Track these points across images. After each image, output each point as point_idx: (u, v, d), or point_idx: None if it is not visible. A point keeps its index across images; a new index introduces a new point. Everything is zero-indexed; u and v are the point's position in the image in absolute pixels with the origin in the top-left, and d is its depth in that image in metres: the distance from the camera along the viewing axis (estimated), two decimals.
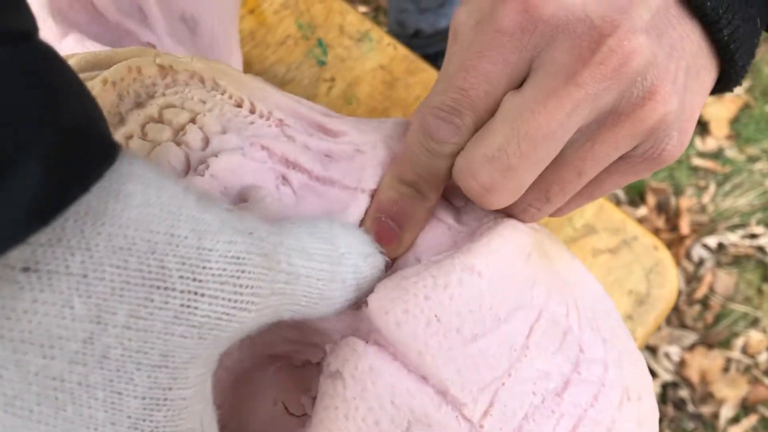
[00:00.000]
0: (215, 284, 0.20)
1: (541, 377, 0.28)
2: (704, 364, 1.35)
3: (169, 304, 0.20)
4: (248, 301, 0.21)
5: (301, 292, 0.23)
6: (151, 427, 0.20)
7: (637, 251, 0.64)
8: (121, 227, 0.19)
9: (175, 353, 0.20)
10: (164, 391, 0.20)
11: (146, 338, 0.19)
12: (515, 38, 0.26)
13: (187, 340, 0.20)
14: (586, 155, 0.28)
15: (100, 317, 0.19)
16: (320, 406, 0.26)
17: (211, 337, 0.21)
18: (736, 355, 1.36)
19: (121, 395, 0.19)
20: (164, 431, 0.21)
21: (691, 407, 1.33)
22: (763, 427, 1.31)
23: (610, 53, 0.25)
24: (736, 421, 1.32)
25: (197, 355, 0.21)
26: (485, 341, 0.27)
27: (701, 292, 1.39)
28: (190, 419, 0.21)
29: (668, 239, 1.41)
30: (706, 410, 1.32)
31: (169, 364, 0.20)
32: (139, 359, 0.19)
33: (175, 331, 0.20)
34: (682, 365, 1.35)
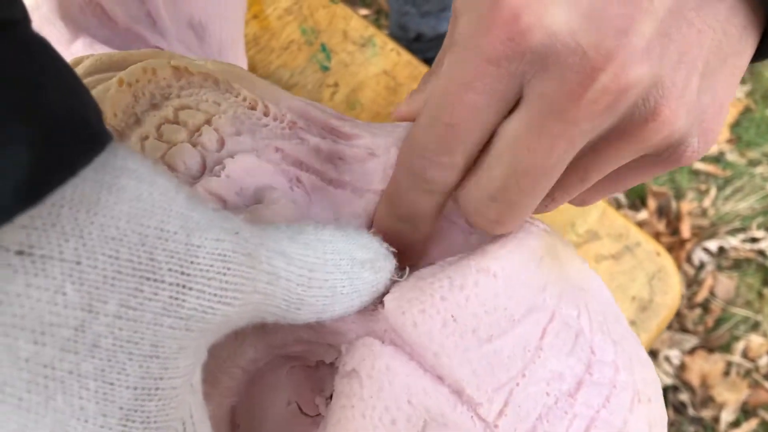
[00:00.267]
0: (202, 279, 0.21)
1: (554, 378, 0.28)
2: (705, 367, 1.35)
3: (158, 295, 0.20)
4: (232, 296, 0.21)
5: (280, 294, 0.23)
6: (142, 417, 0.20)
7: (639, 257, 0.64)
8: (113, 218, 0.19)
9: (164, 343, 0.20)
10: (156, 380, 0.20)
11: (136, 328, 0.19)
12: (502, 68, 0.24)
13: (175, 331, 0.20)
14: (588, 165, 0.27)
15: (91, 305, 0.19)
16: (336, 405, 0.26)
17: (197, 329, 0.21)
18: (736, 358, 1.36)
19: (113, 385, 0.19)
20: (155, 421, 0.21)
21: (691, 411, 1.33)
22: (763, 430, 1.31)
23: (603, 91, 0.23)
24: (736, 424, 1.32)
25: (186, 345, 0.21)
26: (500, 342, 0.27)
27: (702, 295, 1.40)
28: (180, 409, 0.22)
29: (669, 243, 1.41)
30: (706, 414, 1.33)
31: (159, 354, 0.20)
32: (130, 349, 0.20)
33: (164, 322, 0.20)
34: (682, 369, 1.35)
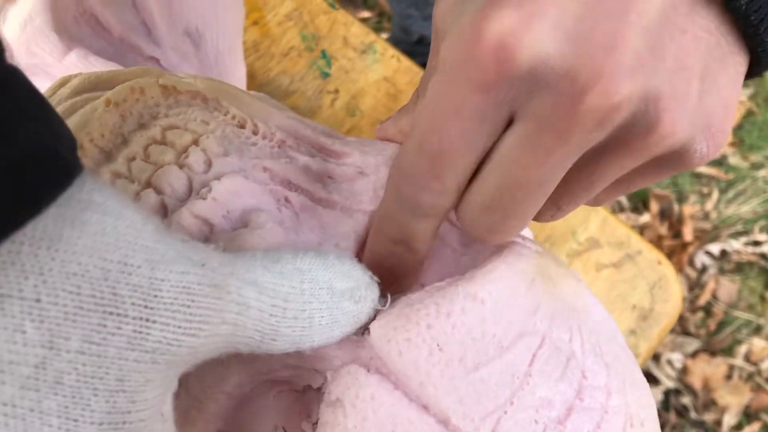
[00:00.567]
0: (166, 312, 0.20)
1: (543, 405, 0.27)
2: (707, 371, 1.35)
3: (122, 329, 0.20)
4: (197, 328, 0.21)
5: (251, 325, 0.23)
6: None
7: (641, 266, 0.64)
8: (75, 254, 0.19)
9: (131, 377, 0.20)
10: (123, 414, 0.20)
11: (101, 363, 0.19)
12: (490, 95, 0.24)
13: (141, 364, 0.20)
14: (591, 175, 0.26)
15: (52, 342, 0.19)
16: None
17: (163, 361, 0.21)
18: (738, 362, 1.36)
19: (77, 422, 0.19)
20: None
21: (693, 414, 1.32)
22: None
23: (592, 110, 0.23)
24: (738, 428, 1.32)
25: (152, 378, 0.21)
26: (487, 370, 0.27)
27: (704, 299, 1.39)
28: None
29: (671, 246, 1.41)
30: (708, 417, 1.32)
31: (126, 388, 0.20)
32: (95, 384, 0.19)
33: (129, 356, 0.20)
34: (684, 372, 1.35)
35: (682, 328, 1.38)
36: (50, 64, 0.42)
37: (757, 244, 1.42)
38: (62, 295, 0.19)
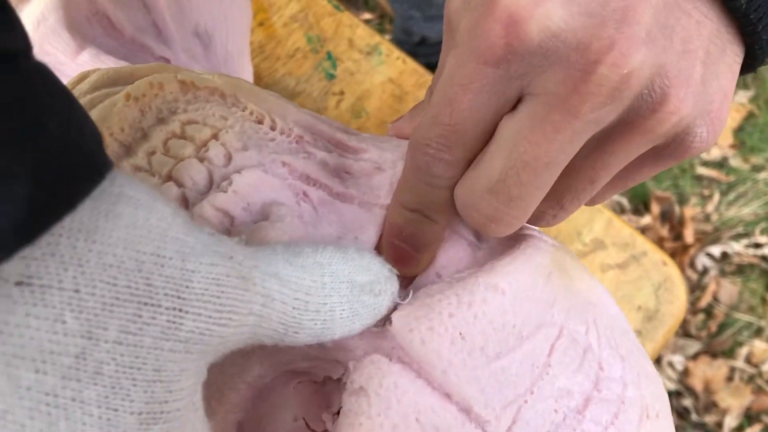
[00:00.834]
0: (198, 302, 0.21)
1: (562, 395, 0.28)
2: (708, 373, 1.35)
3: (156, 319, 0.20)
4: (227, 318, 0.22)
5: (276, 317, 0.23)
6: None
7: (646, 267, 0.64)
8: (110, 246, 0.19)
9: (167, 367, 0.20)
10: (161, 404, 0.21)
11: (138, 353, 0.20)
12: (501, 69, 0.24)
13: (175, 354, 0.21)
14: (596, 164, 0.27)
15: (91, 332, 0.19)
16: (344, 423, 0.26)
17: (196, 350, 0.21)
18: (739, 364, 1.36)
19: (117, 411, 0.20)
20: None
21: (694, 416, 1.32)
22: None
23: (604, 81, 0.23)
24: (739, 430, 1.32)
25: (187, 368, 0.21)
26: (508, 359, 0.27)
27: (705, 301, 1.39)
28: (183, 428, 0.22)
29: (672, 248, 1.41)
30: (709, 419, 1.32)
31: (163, 378, 0.20)
32: (133, 374, 0.20)
33: (164, 345, 0.20)
34: (685, 374, 1.35)
35: (683, 330, 1.38)
36: (63, 62, 0.42)
37: (758, 246, 1.42)
38: (99, 285, 0.19)
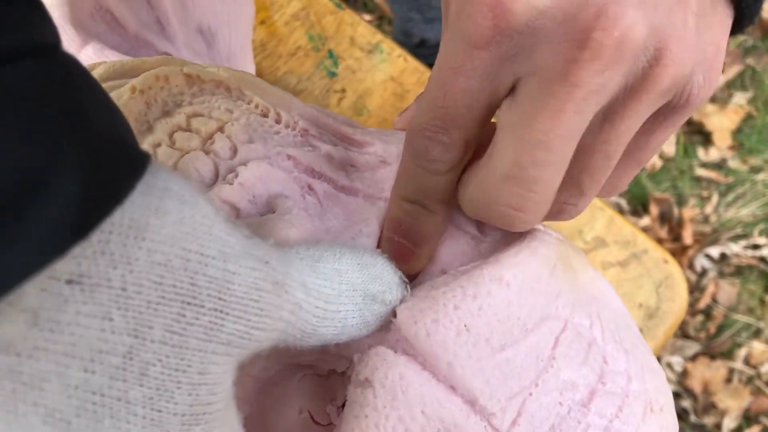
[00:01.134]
0: (238, 305, 0.21)
1: (567, 388, 0.28)
2: (707, 374, 1.35)
3: (199, 320, 0.20)
4: (264, 323, 0.22)
5: (299, 324, 0.23)
6: None
7: (647, 265, 0.64)
8: (160, 243, 0.19)
9: (211, 370, 0.20)
10: (204, 406, 0.21)
11: (183, 355, 0.20)
12: (491, 51, 0.24)
13: (218, 356, 0.21)
14: (608, 137, 0.26)
15: (137, 331, 0.19)
16: (350, 414, 0.26)
17: (236, 353, 0.21)
18: (738, 365, 1.36)
19: (161, 413, 0.20)
20: None
21: (693, 418, 1.33)
22: None
23: (599, 47, 0.23)
24: (738, 431, 1.32)
25: (227, 369, 0.21)
26: (513, 351, 0.27)
27: (704, 302, 1.40)
28: (221, 428, 0.22)
29: (671, 249, 1.41)
30: (708, 421, 1.33)
31: (208, 381, 0.20)
32: (178, 377, 0.20)
33: (207, 347, 0.20)
34: (684, 375, 1.35)
35: (682, 331, 1.39)
36: None
37: (756, 247, 1.42)
38: (146, 284, 0.19)
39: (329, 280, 0.24)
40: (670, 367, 1.35)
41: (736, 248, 1.42)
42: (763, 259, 1.41)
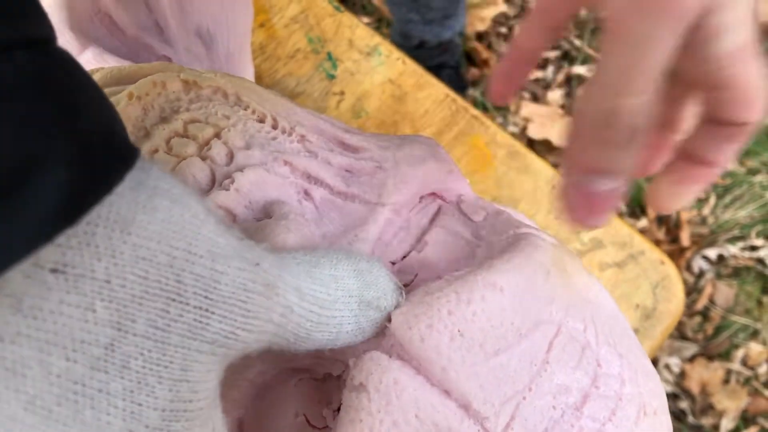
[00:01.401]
0: (224, 305, 0.21)
1: (561, 391, 0.28)
2: (704, 375, 1.36)
3: (183, 317, 0.20)
4: (252, 324, 0.22)
5: (292, 327, 0.24)
6: None
7: (644, 265, 0.64)
8: (145, 239, 0.19)
9: (193, 367, 0.21)
10: (185, 403, 0.21)
11: (165, 350, 0.20)
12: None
13: (202, 354, 0.21)
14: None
15: (120, 323, 0.19)
16: (345, 419, 0.26)
17: (221, 353, 0.21)
18: (736, 366, 1.36)
19: (141, 406, 0.20)
20: None
21: (691, 419, 1.33)
22: None
23: None
24: None
25: (212, 368, 0.21)
26: (507, 356, 0.27)
27: (701, 303, 1.40)
28: (203, 426, 0.22)
29: (668, 251, 1.42)
30: (706, 422, 1.33)
31: (189, 378, 0.21)
32: (160, 372, 0.20)
33: (191, 345, 0.20)
34: (682, 377, 1.36)
35: (679, 332, 1.39)
36: None
37: (754, 248, 1.43)
38: (130, 278, 0.19)
39: (325, 285, 0.25)
40: (667, 368, 1.36)
41: (733, 250, 1.42)
42: (760, 260, 1.42)
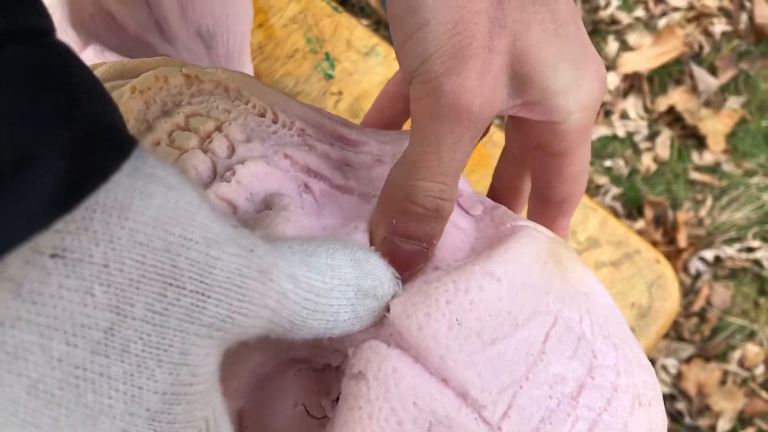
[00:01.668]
0: (219, 289, 0.21)
1: (557, 381, 0.28)
2: (701, 376, 1.36)
3: (180, 301, 0.20)
4: (247, 308, 0.22)
5: (287, 315, 0.24)
6: (168, 419, 0.21)
7: (639, 265, 0.65)
8: (142, 224, 0.20)
9: (192, 351, 0.21)
10: (185, 386, 0.21)
11: (164, 334, 0.20)
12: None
13: (200, 338, 0.21)
14: None
15: (119, 307, 0.19)
16: (344, 406, 0.26)
17: (218, 336, 0.22)
18: (732, 367, 1.36)
19: (141, 390, 0.20)
20: (181, 422, 0.21)
21: (688, 420, 1.33)
22: None
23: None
24: None
25: (210, 352, 0.22)
26: (504, 345, 0.27)
27: (698, 304, 1.40)
28: (204, 409, 0.22)
29: (665, 252, 1.42)
30: (703, 423, 1.33)
31: (188, 361, 0.21)
32: (159, 356, 0.20)
33: (188, 329, 0.21)
34: (679, 378, 1.36)
35: (676, 333, 1.39)
36: None
37: (750, 250, 1.43)
38: (128, 263, 0.19)
39: (321, 274, 0.25)
40: (664, 369, 1.36)
41: (730, 251, 1.43)
42: (756, 262, 1.42)
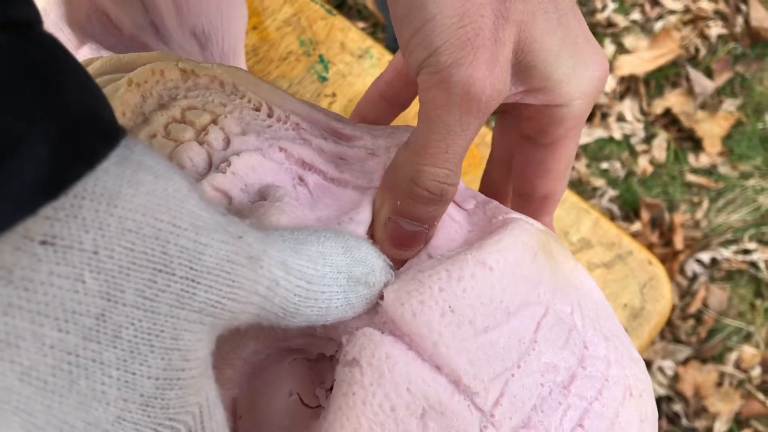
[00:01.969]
0: (209, 275, 0.21)
1: (548, 370, 0.29)
2: (698, 378, 1.36)
3: (170, 287, 0.21)
4: (237, 294, 0.22)
5: (278, 302, 0.24)
6: (162, 404, 0.21)
7: (631, 266, 0.65)
8: (131, 211, 0.20)
9: (183, 336, 0.21)
10: (178, 371, 0.21)
11: (155, 320, 0.20)
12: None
13: (191, 324, 0.21)
14: None
15: (109, 294, 0.19)
16: (338, 392, 0.27)
17: (209, 322, 0.22)
18: (729, 369, 1.37)
19: (134, 375, 0.20)
20: (174, 407, 0.22)
21: (684, 421, 1.33)
22: None
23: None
24: None
25: (202, 338, 0.22)
26: (496, 333, 0.28)
27: (695, 306, 1.40)
28: (197, 394, 0.23)
29: (662, 254, 1.42)
30: (699, 424, 1.33)
31: (180, 346, 0.21)
32: (151, 341, 0.20)
33: (179, 314, 0.21)
34: (675, 379, 1.36)
35: (673, 335, 1.39)
36: None
37: (746, 252, 1.43)
38: (117, 249, 0.20)
39: (312, 261, 0.25)
40: (661, 371, 1.36)
41: (726, 253, 1.43)
42: (753, 263, 1.42)
